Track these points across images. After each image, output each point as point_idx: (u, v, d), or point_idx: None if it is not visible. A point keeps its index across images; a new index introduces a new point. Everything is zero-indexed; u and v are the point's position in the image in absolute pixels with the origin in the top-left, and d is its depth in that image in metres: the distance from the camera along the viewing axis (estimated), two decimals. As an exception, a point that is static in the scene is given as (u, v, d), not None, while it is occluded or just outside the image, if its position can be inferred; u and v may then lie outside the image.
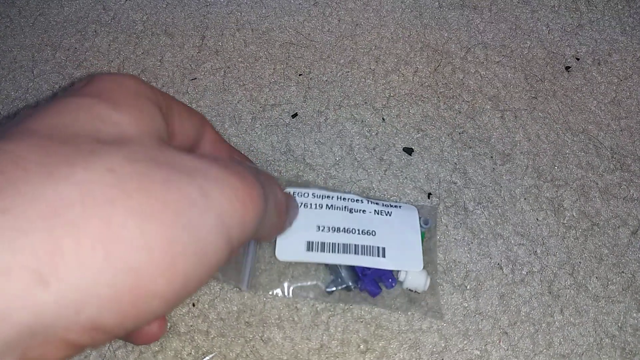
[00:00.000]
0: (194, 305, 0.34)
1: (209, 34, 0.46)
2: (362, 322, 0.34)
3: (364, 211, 0.36)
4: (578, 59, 0.47)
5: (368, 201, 0.36)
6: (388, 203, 0.37)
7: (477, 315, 0.35)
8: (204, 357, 0.33)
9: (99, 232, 0.15)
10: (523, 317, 0.35)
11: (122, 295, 0.15)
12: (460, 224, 0.38)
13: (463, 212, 0.39)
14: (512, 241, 0.38)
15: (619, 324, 0.36)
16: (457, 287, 0.36)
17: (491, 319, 0.35)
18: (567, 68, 0.46)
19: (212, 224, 0.17)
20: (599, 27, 0.48)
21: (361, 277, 0.34)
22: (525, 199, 0.40)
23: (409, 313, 0.35)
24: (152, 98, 0.21)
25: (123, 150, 0.17)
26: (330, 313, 0.34)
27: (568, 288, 0.37)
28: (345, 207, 0.36)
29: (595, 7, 0.50)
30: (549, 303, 0.36)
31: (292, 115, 0.42)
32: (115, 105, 0.19)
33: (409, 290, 0.35)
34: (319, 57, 0.45)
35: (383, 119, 0.42)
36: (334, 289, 0.35)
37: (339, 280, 0.34)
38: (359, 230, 0.35)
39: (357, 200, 0.36)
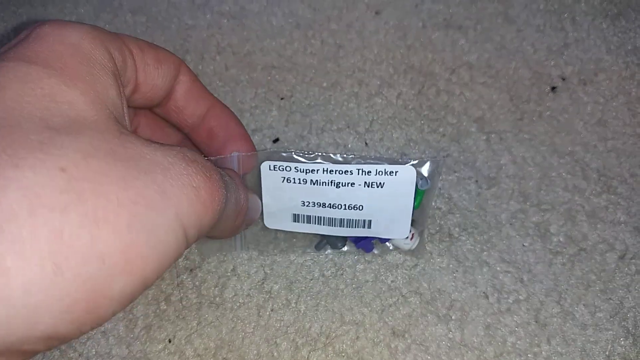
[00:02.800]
0: (170, 341, 0.33)
1: (189, 57, 0.45)
2: (344, 356, 0.33)
3: (352, 184, 0.32)
4: (564, 79, 0.46)
5: (358, 171, 0.32)
6: (383, 168, 0.32)
7: (462, 347, 0.34)
8: None
9: (47, 246, 0.14)
10: (509, 348, 0.35)
11: (76, 305, 0.14)
12: (445, 251, 0.38)
13: (448, 239, 0.38)
14: (498, 268, 0.37)
15: (607, 353, 0.35)
16: (441, 318, 0.35)
17: (476, 351, 0.34)
18: (553, 88, 0.46)
19: (170, 225, 0.16)
20: (585, 47, 0.48)
21: (355, 242, 0.36)
22: (511, 224, 0.39)
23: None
24: (105, 61, 0.19)
25: (78, 142, 0.15)
26: (310, 347, 0.33)
27: (555, 316, 0.36)
28: (331, 182, 0.32)
29: (581, 26, 0.49)
30: (536, 332, 0.35)
31: (273, 141, 0.41)
32: (66, 78, 0.17)
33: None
34: (301, 80, 0.44)
35: (366, 143, 0.42)
36: (322, 249, 0.37)
37: (327, 242, 0.37)
38: (345, 205, 0.33)
39: (345, 171, 0.32)
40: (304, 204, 0.33)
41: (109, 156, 0.16)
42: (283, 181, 0.33)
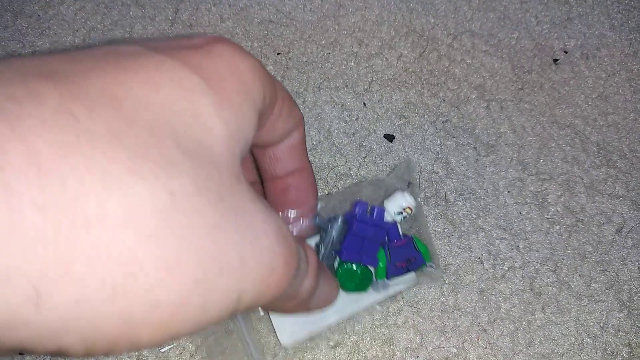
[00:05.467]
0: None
1: (183, 7, 0.43)
2: (333, 314, 0.32)
3: None
4: (566, 52, 0.45)
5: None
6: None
7: (455, 311, 0.33)
8: (161, 348, 0.31)
9: (113, 269, 0.12)
10: (503, 315, 0.34)
11: (104, 337, 0.13)
12: (441, 215, 0.37)
13: (444, 203, 0.37)
14: (494, 235, 0.36)
15: (601, 324, 0.34)
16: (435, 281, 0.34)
17: (470, 316, 0.33)
18: (555, 61, 0.45)
19: (228, 294, 0.15)
20: (588, 22, 0.47)
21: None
22: (508, 191, 0.38)
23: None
24: (258, 101, 0.18)
25: (199, 171, 0.14)
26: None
27: (550, 285, 0.35)
28: None
29: (585, 2, 0.48)
30: (530, 300, 0.34)
31: (268, 96, 0.40)
32: (218, 103, 0.16)
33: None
34: (299, 36, 0.43)
35: (364, 103, 0.40)
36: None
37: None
38: None
39: None
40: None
41: (214, 199, 0.15)
42: None
